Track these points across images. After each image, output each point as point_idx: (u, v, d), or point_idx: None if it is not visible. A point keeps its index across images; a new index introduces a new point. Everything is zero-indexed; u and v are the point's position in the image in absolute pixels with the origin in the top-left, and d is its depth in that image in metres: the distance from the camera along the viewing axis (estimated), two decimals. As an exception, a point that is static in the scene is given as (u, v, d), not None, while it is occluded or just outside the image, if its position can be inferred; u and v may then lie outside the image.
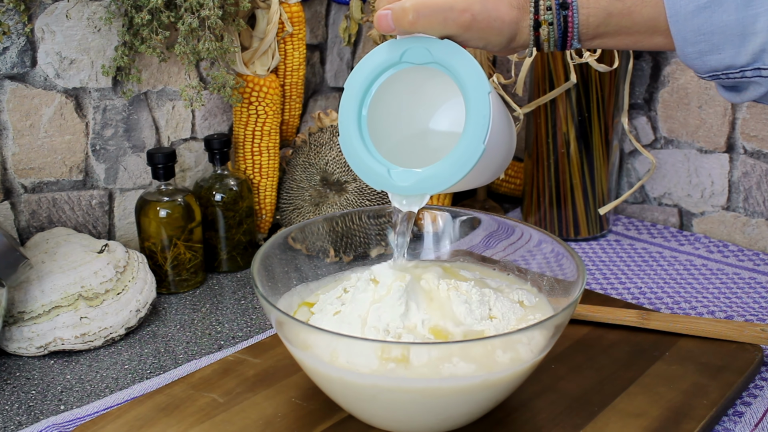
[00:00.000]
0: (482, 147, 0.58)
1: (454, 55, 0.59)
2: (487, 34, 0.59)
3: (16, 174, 0.89)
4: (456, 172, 0.60)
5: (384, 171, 0.63)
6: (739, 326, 0.78)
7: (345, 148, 0.64)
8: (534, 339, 0.59)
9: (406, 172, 0.62)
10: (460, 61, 0.59)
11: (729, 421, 0.69)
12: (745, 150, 1.05)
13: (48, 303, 0.79)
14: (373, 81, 0.63)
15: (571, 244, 1.06)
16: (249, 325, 0.86)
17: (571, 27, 0.59)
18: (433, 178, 0.61)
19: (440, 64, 0.60)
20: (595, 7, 0.59)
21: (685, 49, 0.57)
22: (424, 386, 0.57)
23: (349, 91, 0.63)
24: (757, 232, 1.07)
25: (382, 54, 0.62)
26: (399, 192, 0.63)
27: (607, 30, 0.60)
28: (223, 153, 0.97)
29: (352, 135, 0.64)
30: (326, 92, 1.20)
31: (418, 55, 0.60)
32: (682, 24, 0.56)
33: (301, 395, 0.69)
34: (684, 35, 0.57)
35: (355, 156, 0.64)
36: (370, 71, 0.62)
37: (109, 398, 0.72)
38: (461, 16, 0.58)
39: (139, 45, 0.89)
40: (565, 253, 0.68)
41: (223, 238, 0.98)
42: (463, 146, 0.59)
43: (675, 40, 0.57)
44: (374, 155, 0.63)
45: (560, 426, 0.65)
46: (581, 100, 1.03)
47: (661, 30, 0.58)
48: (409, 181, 0.62)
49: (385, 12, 0.60)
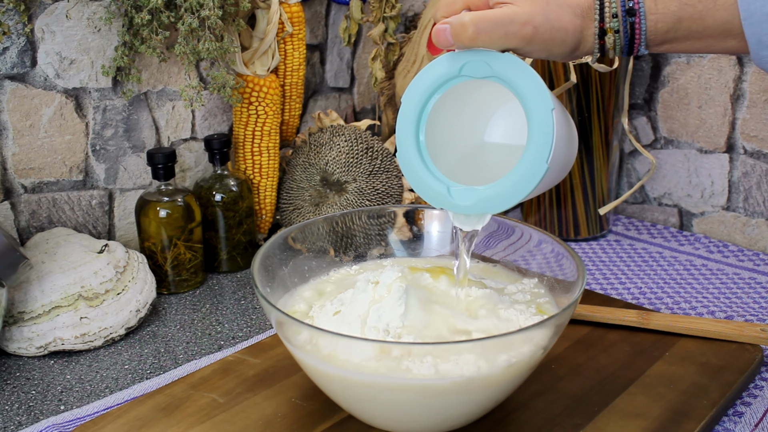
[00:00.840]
0: (545, 167, 0.57)
1: (516, 70, 0.57)
2: (550, 46, 0.57)
3: (16, 174, 0.89)
4: (518, 192, 0.58)
5: (444, 190, 0.61)
6: (739, 326, 0.78)
7: (403, 165, 0.63)
8: (534, 339, 0.59)
9: (466, 191, 0.61)
10: (521, 77, 0.57)
11: (729, 421, 0.69)
12: (745, 150, 1.05)
13: (48, 303, 0.79)
14: (431, 95, 0.61)
15: (571, 244, 1.06)
16: (249, 325, 0.86)
17: (638, 34, 0.57)
18: (495, 198, 0.59)
19: (501, 79, 0.58)
20: (663, 12, 0.56)
21: (760, 53, 0.55)
22: (424, 386, 0.57)
23: (406, 106, 0.61)
24: (757, 232, 1.07)
25: (440, 67, 0.60)
26: (460, 211, 0.62)
27: (677, 35, 0.57)
28: (223, 153, 0.97)
29: (410, 152, 0.62)
30: (326, 92, 1.20)
31: (477, 69, 0.58)
32: (757, 26, 0.53)
33: (301, 395, 0.69)
34: (759, 38, 0.54)
35: (414, 174, 0.62)
36: (429, 85, 0.60)
37: (109, 398, 0.72)
38: (523, 29, 0.56)
39: (139, 45, 0.89)
40: (565, 253, 0.68)
41: (223, 238, 0.98)
42: (525, 165, 0.58)
43: (749, 43, 0.55)
44: (433, 173, 0.62)
45: (560, 426, 0.65)
46: (581, 100, 1.03)
47: (734, 33, 0.56)
48: (469, 200, 0.61)
49: (444, 26, 0.57)
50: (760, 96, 1.02)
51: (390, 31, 1.09)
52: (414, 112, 0.61)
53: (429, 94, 0.61)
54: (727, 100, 1.05)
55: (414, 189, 0.63)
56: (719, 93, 1.06)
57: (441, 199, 0.62)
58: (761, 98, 1.02)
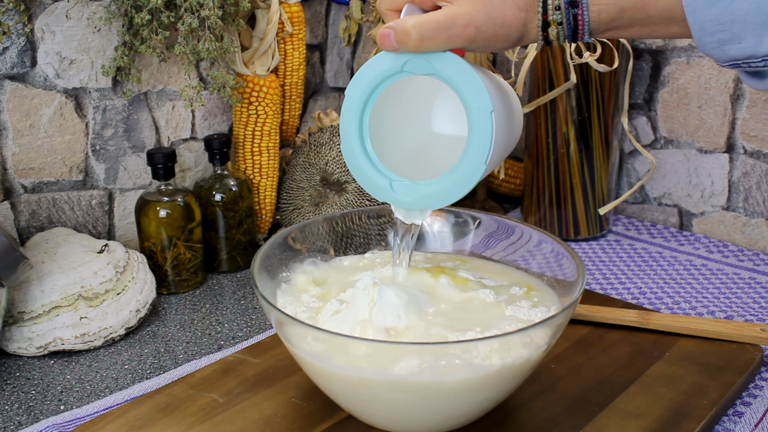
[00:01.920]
0: (484, 167, 0.58)
1: (456, 71, 0.58)
2: (493, 42, 0.58)
3: (16, 174, 0.89)
4: (458, 191, 0.60)
5: (386, 184, 0.62)
6: (739, 326, 0.78)
7: (347, 157, 0.63)
8: (534, 339, 0.59)
9: (408, 186, 0.62)
10: (461, 77, 0.58)
11: (729, 421, 0.69)
12: (745, 150, 1.05)
13: (48, 303, 0.79)
14: (375, 89, 0.61)
15: (571, 244, 1.06)
16: (249, 325, 0.86)
17: (581, 25, 0.58)
18: (435, 195, 0.61)
19: (442, 77, 0.59)
20: (606, 2, 0.57)
21: (703, 39, 0.55)
22: (424, 386, 0.57)
23: (350, 99, 0.62)
24: (757, 232, 1.07)
25: (383, 63, 0.61)
26: (402, 206, 0.63)
27: (621, 24, 0.57)
28: (223, 153, 0.97)
29: (354, 145, 0.63)
30: (326, 92, 1.20)
31: (419, 66, 0.59)
32: (699, 14, 0.54)
33: (301, 395, 0.69)
34: (702, 25, 0.54)
35: (357, 166, 0.63)
36: (372, 79, 0.61)
37: (109, 398, 0.72)
38: (465, 32, 0.56)
39: (139, 45, 0.89)
40: (565, 253, 0.68)
41: (223, 238, 0.98)
42: (465, 165, 0.59)
43: (692, 30, 0.55)
44: (376, 165, 0.63)
45: (560, 426, 0.65)
46: (581, 100, 1.03)
47: (677, 20, 0.56)
48: (411, 196, 0.62)
49: (388, 31, 0.58)
50: (760, 96, 1.02)
51: (390, 31, 1.08)
52: (357, 106, 0.62)
53: (372, 89, 0.61)
54: (727, 100, 1.05)
55: (357, 180, 0.64)
56: (719, 93, 1.06)
57: (383, 194, 0.63)
58: (761, 98, 1.02)
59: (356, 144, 0.63)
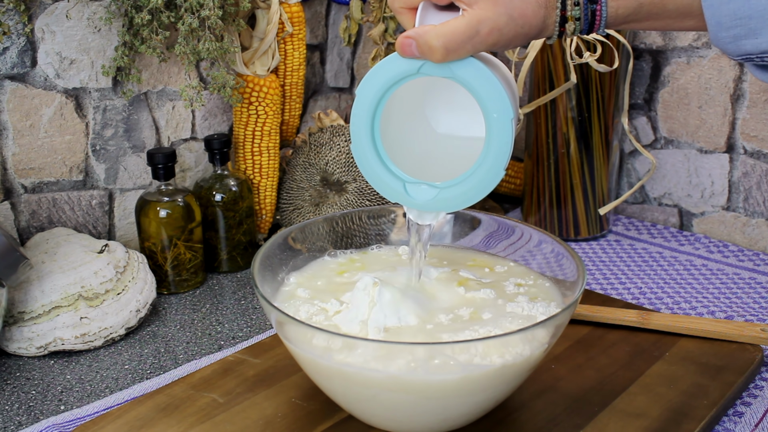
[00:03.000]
0: (503, 173, 0.58)
1: (477, 75, 0.57)
2: (513, 41, 0.57)
3: (16, 174, 0.89)
4: (475, 195, 0.60)
5: (399, 186, 0.62)
6: (739, 326, 0.78)
7: (358, 157, 0.62)
8: (534, 339, 0.59)
9: (421, 188, 0.61)
10: (483, 83, 0.57)
11: (729, 421, 0.69)
12: (745, 150, 1.05)
13: (48, 303, 0.79)
14: (388, 90, 0.60)
15: (571, 244, 1.06)
16: (249, 325, 0.86)
17: (598, 20, 0.57)
18: (451, 199, 0.60)
19: (461, 82, 0.57)
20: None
21: (718, 34, 0.55)
22: (424, 386, 0.57)
23: (361, 100, 0.60)
24: (757, 232, 1.07)
25: (398, 64, 0.59)
26: (416, 207, 0.63)
27: (637, 18, 0.57)
28: (223, 153, 0.97)
29: (365, 146, 0.62)
30: (326, 92, 1.20)
31: (437, 69, 0.57)
32: (716, 9, 0.54)
33: (301, 395, 0.69)
34: (718, 20, 0.54)
35: (369, 166, 0.62)
36: (386, 81, 0.59)
37: (109, 398, 0.72)
38: (489, 38, 0.56)
39: (139, 45, 0.89)
40: (565, 253, 0.68)
41: (223, 238, 0.98)
42: (484, 171, 0.59)
43: (708, 24, 0.55)
44: (389, 167, 0.62)
45: (560, 426, 0.65)
46: (581, 100, 1.03)
47: (694, 15, 0.56)
48: (424, 198, 0.61)
49: (409, 41, 0.57)
50: (760, 96, 1.02)
51: (390, 31, 1.09)
52: (370, 107, 0.60)
53: (385, 90, 0.60)
54: (727, 100, 1.05)
55: (370, 182, 0.63)
56: (719, 93, 1.06)
57: (397, 195, 0.62)
58: (761, 98, 1.02)
59: (367, 144, 0.62)
